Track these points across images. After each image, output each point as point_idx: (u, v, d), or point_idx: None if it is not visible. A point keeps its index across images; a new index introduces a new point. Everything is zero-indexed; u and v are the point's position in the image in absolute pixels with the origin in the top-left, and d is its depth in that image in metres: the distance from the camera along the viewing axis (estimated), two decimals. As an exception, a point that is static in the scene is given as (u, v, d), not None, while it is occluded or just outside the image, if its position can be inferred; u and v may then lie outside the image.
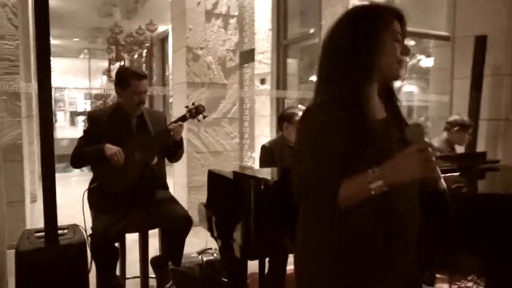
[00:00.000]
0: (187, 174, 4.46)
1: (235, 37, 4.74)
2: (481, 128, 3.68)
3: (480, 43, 3.57)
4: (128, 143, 2.25)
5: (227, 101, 4.70)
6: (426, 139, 1.11)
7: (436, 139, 3.45)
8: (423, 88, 7.68)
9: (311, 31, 6.39)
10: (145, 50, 9.83)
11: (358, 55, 1.23)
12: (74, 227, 2.14)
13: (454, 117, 3.40)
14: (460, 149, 3.59)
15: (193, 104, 2.44)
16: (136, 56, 9.97)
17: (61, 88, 22.31)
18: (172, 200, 2.42)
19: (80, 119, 17.74)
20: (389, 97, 1.35)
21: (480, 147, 3.71)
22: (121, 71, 2.46)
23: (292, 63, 7.29)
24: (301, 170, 1.20)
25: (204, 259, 2.58)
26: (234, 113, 4.78)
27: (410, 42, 8.89)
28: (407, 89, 9.69)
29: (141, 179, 2.28)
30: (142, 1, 9.00)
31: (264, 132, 7.42)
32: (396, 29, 1.24)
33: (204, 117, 2.44)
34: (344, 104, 1.20)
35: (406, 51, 1.26)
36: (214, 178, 2.15)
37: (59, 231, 1.96)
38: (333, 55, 1.27)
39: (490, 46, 3.61)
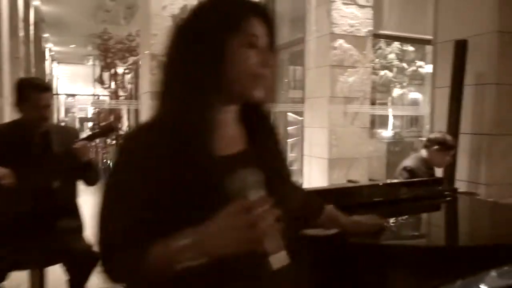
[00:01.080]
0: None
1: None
2: (463, 143, 3.28)
3: (460, 48, 3.18)
4: (25, 164, 1.97)
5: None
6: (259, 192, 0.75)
7: (412, 156, 3.09)
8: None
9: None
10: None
11: (191, 65, 0.90)
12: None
13: (435, 135, 3.03)
14: (439, 171, 3.22)
15: (104, 122, 2.15)
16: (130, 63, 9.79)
17: (70, 94, 22.45)
18: (77, 231, 2.12)
19: (89, 125, 17.81)
20: (259, 123, 1.01)
21: (462, 165, 3.31)
22: (19, 82, 2.18)
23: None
24: (102, 220, 0.87)
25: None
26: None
27: (409, 48, 8.49)
28: (412, 96, 9.27)
29: (38, 205, 1.98)
30: (136, 7, 8.86)
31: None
32: (252, 31, 0.91)
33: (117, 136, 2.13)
34: (170, 129, 0.88)
35: (265, 61, 0.92)
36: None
37: None
38: (167, 62, 0.96)
39: (473, 52, 3.22)
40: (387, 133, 8.59)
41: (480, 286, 1.04)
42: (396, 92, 8.96)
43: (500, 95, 3.14)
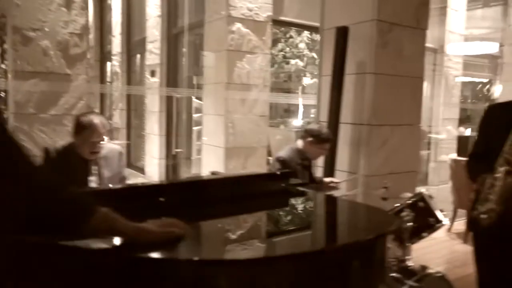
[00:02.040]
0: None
1: (81, 19, 3.98)
2: (343, 133, 3.23)
3: (341, 35, 3.10)
4: None
5: (70, 94, 3.93)
6: None
7: (288, 147, 2.95)
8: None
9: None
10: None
11: None
12: None
13: (311, 126, 2.92)
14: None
15: None
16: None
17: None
18: None
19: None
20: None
21: (342, 155, 3.27)
22: None
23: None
24: None
25: None
26: (80, 109, 4.02)
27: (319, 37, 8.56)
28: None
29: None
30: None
31: (154, 130, 6.72)
32: None
33: None
34: None
35: None
36: None
37: None
38: None
39: (354, 41, 3.16)
40: (297, 122, 8.63)
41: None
42: (306, 81, 9.02)
43: (378, 85, 3.12)
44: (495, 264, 1.91)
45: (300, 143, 2.81)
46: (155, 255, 0.95)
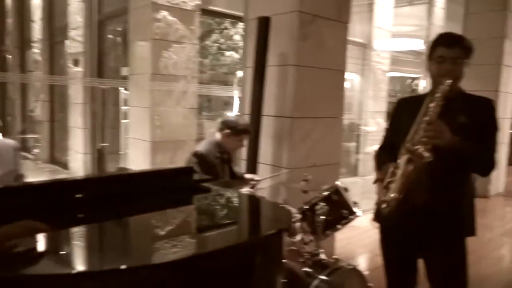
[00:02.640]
0: None
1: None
2: (266, 126, 3.18)
3: (263, 25, 3.03)
4: None
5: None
6: None
7: (206, 140, 2.85)
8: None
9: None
10: None
11: None
12: None
13: (228, 117, 2.83)
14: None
15: None
16: None
17: None
18: None
19: None
20: None
21: (265, 148, 3.22)
22: None
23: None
24: None
25: None
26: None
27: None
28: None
29: None
30: None
31: (78, 123, 6.32)
32: None
33: None
34: None
35: None
36: None
37: None
38: None
39: (276, 32, 3.10)
40: (232, 114, 8.54)
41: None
42: (240, 73, 8.93)
43: (300, 77, 3.09)
44: (396, 252, 1.94)
45: (218, 136, 2.72)
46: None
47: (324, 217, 2.12)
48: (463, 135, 1.66)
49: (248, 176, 2.98)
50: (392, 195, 1.60)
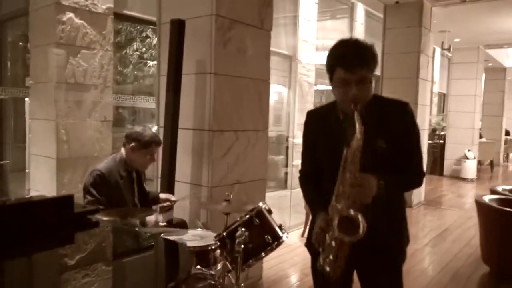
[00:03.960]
0: None
1: None
2: (183, 139, 2.87)
3: (177, 29, 2.73)
4: None
5: None
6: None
7: (110, 157, 2.47)
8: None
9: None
10: None
11: None
12: None
13: (132, 130, 2.47)
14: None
15: None
16: None
17: None
18: None
19: None
20: None
21: (183, 164, 2.90)
22: None
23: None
24: None
25: None
26: None
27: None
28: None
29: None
30: None
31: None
32: None
33: None
34: None
35: None
36: None
37: None
38: None
39: (194, 37, 2.82)
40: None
41: None
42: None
43: (219, 87, 2.83)
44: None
45: (123, 151, 2.35)
46: None
47: (242, 246, 1.84)
48: (383, 161, 1.51)
49: (163, 196, 2.64)
50: (335, 263, 1.42)
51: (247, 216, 2.00)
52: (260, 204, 2.07)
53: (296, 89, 7.32)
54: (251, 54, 3.05)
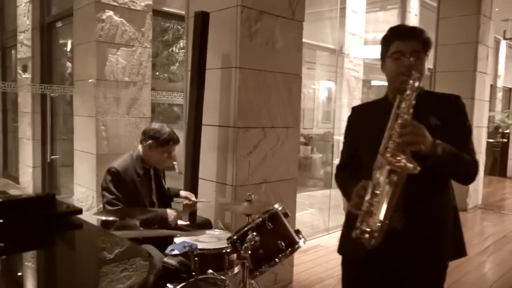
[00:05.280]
0: None
1: None
2: (208, 136, 2.78)
3: (200, 22, 2.64)
4: None
5: None
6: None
7: (126, 154, 2.43)
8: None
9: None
10: None
11: None
12: None
13: (150, 126, 2.41)
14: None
15: None
16: None
17: None
18: None
19: None
20: None
21: (207, 161, 2.81)
22: None
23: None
24: None
25: None
26: None
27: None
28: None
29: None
30: None
31: (27, 133, 5.82)
32: None
33: None
34: None
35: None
36: None
37: None
38: None
39: (219, 30, 2.72)
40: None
41: None
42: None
43: (246, 82, 2.70)
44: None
45: (140, 149, 2.30)
46: None
47: (249, 252, 1.71)
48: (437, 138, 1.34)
49: (183, 193, 2.56)
50: (377, 222, 1.20)
51: (260, 219, 1.86)
52: (276, 206, 1.92)
53: (343, 84, 7.03)
54: (280, 46, 2.89)
